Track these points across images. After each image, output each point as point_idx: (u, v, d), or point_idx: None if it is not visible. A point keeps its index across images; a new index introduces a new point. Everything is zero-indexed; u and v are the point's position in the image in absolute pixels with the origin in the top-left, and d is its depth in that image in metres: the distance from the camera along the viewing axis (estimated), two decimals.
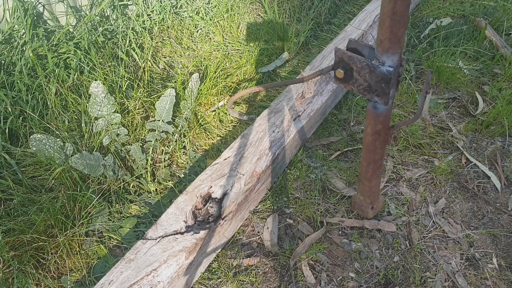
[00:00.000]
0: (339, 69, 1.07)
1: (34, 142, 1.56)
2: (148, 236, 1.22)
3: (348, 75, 1.07)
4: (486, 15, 2.49)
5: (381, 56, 0.98)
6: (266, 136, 1.55)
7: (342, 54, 1.05)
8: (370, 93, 1.07)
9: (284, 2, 2.71)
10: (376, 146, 1.22)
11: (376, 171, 1.31)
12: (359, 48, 1.05)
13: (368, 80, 1.04)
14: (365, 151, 1.26)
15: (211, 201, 1.32)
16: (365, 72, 1.03)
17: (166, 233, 1.22)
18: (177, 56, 2.32)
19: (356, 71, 1.05)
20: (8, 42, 1.91)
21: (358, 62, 1.03)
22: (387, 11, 0.89)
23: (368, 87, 1.06)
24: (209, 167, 1.44)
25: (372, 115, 1.14)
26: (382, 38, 0.95)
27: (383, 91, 1.03)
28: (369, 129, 1.18)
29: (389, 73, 0.99)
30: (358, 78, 1.06)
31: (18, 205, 1.47)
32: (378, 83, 1.02)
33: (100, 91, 1.69)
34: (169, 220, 1.26)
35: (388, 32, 0.92)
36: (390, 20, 0.90)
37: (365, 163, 1.30)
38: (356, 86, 1.08)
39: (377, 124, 1.15)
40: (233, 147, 1.52)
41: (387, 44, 0.95)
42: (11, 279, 1.28)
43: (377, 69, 1.00)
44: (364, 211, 1.46)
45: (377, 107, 1.11)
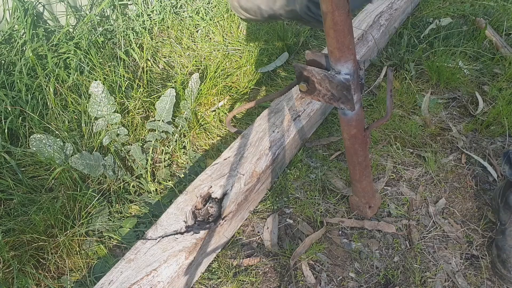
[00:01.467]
0: (301, 84, 1.09)
1: (34, 142, 1.56)
2: (148, 236, 1.22)
3: (311, 87, 1.09)
4: (486, 15, 2.49)
5: (335, 65, 0.99)
6: (266, 136, 1.55)
7: (300, 68, 1.08)
8: (336, 101, 1.09)
9: None
10: (356, 149, 1.24)
11: (363, 172, 1.32)
12: (318, 59, 1.06)
13: (330, 90, 1.06)
14: (348, 155, 1.29)
15: (211, 201, 1.32)
16: (325, 82, 1.05)
17: (166, 233, 1.22)
18: (177, 56, 2.32)
19: (317, 82, 1.07)
20: (8, 42, 1.91)
21: (317, 74, 1.05)
22: (328, 23, 0.90)
23: (332, 96, 1.08)
24: (209, 167, 1.44)
25: (344, 121, 1.16)
26: (331, 48, 0.96)
27: (346, 98, 1.05)
28: (345, 135, 1.21)
29: (347, 81, 1.00)
30: (320, 89, 1.08)
31: (18, 205, 1.47)
32: (340, 91, 1.04)
33: (100, 91, 1.69)
34: (169, 220, 1.26)
35: (334, 42, 0.93)
36: (333, 31, 0.91)
37: (351, 167, 1.33)
38: (321, 96, 1.11)
39: (351, 129, 1.17)
40: (233, 147, 1.52)
41: (337, 54, 0.96)
42: (11, 279, 1.28)
43: (335, 79, 1.02)
44: (363, 211, 1.47)
45: (346, 113, 1.13)
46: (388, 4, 2.41)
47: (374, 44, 2.17)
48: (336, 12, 0.87)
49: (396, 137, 1.81)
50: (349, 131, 1.18)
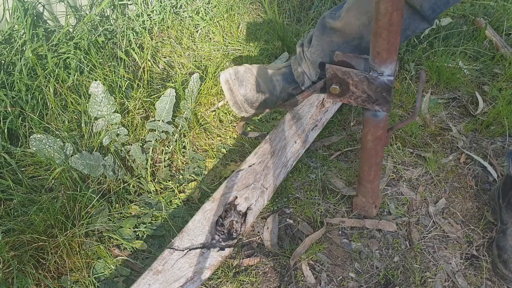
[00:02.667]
0: (333, 86, 1.06)
1: (34, 142, 1.56)
2: (175, 246, 1.21)
3: (344, 89, 1.07)
4: (486, 15, 2.49)
5: (379, 67, 0.98)
6: (288, 146, 1.54)
7: (335, 70, 1.04)
8: (371, 103, 1.06)
9: (284, 2, 2.71)
10: (378, 150, 1.22)
11: (377, 172, 1.32)
12: (349, 60, 1.04)
13: (367, 92, 1.03)
14: (366, 156, 1.26)
15: (235, 215, 1.31)
16: (363, 84, 1.02)
17: (193, 244, 1.21)
18: (177, 56, 2.32)
19: (353, 84, 1.04)
20: (8, 42, 1.91)
21: (355, 76, 1.02)
22: (383, 24, 0.88)
23: (367, 98, 1.05)
24: (235, 174, 1.41)
25: (372, 123, 1.14)
26: (379, 50, 0.94)
27: (385, 99, 1.02)
28: (369, 136, 1.18)
29: (390, 82, 0.98)
30: (355, 91, 1.05)
31: (18, 205, 1.47)
32: (379, 93, 1.01)
33: (100, 91, 1.69)
34: (196, 230, 1.25)
35: (385, 44, 0.92)
36: (387, 32, 0.89)
37: (366, 168, 1.30)
38: (353, 99, 1.07)
39: (378, 131, 1.15)
40: (257, 153, 1.49)
41: (384, 55, 0.95)
42: (11, 279, 1.28)
43: (376, 81, 0.99)
44: (368, 211, 1.47)
45: (377, 115, 1.11)
46: None
47: None
48: (395, 13, 0.85)
49: (396, 137, 1.81)
50: (375, 133, 1.15)
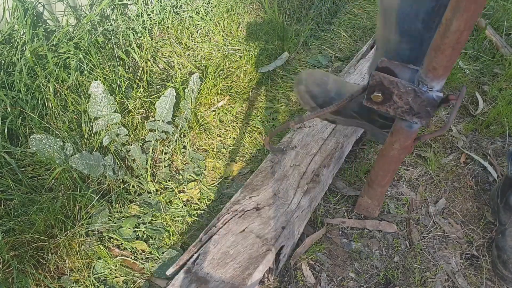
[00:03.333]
0: (375, 94, 1.03)
1: (34, 142, 1.56)
2: None
3: (386, 98, 1.04)
4: (486, 15, 2.49)
5: (431, 82, 0.95)
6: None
7: (381, 78, 1.00)
8: (410, 115, 1.03)
9: (284, 2, 2.71)
10: (401, 158, 1.21)
11: (391, 178, 1.31)
12: (393, 68, 1.01)
13: (411, 104, 1.00)
14: (387, 163, 1.24)
15: (272, 269, 1.30)
16: (409, 96, 0.99)
17: None
18: (177, 56, 2.32)
19: (397, 95, 1.01)
20: (8, 42, 1.91)
21: (402, 87, 0.99)
22: (450, 41, 0.84)
23: (408, 109, 1.02)
24: (282, 212, 1.35)
25: (404, 133, 1.12)
26: (436, 65, 0.91)
27: (427, 114, 1.00)
28: (396, 145, 1.16)
29: (439, 98, 0.96)
30: (397, 101, 1.02)
31: (18, 205, 1.47)
32: (423, 107, 0.99)
33: (100, 91, 1.69)
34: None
35: (445, 61, 0.89)
36: (452, 49, 0.86)
37: (382, 173, 1.29)
38: (393, 108, 1.04)
39: (407, 141, 1.13)
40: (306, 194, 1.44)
41: (441, 71, 0.92)
42: (11, 279, 1.28)
43: (424, 95, 0.96)
44: (371, 212, 1.47)
45: (412, 127, 1.09)
46: None
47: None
48: (465, 32, 0.82)
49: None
50: (403, 143, 1.14)
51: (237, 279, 1.14)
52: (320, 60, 2.37)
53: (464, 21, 0.81)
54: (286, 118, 1.99)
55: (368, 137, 1.76)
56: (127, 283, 1.35)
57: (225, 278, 1.14)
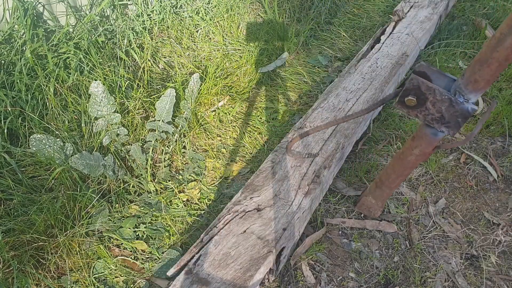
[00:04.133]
0: (410, 98, 1.01)
1: (34, 142, 1.55)
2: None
3: (419, 103, 1.02)
4: (486, 15, 2.49)
5: (469, 93, 0.94)
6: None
7: (420, 83, 0.99)
8: (440, 124, 1.02)
9: (284, 2, 2.71)
10: (416, 165, 1.20)
11: (401, 181, 1.32)
12: (429, 73, 0.99)
13: (443, 112, 0.99)
14: (402, 167, 1.24)
15: (272, 271, 1.31)
16: (444, 105, 0.98)
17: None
18: (177, 56, 2.32)
19: (431, 102, 0.99)
20: (8, 42, 1.91)
21: (439, 95, 0.97)
22: (498, 56, 0.83)
23: (439, 117, 1.01)
24: (284, 218, 1.35)
25: (428, 140, 1.11)
26: (479, 78, 0.89)
27: (457, 124, 0.99)
28: (416, 150, 1.15)
29: (473, 111, 0.95)
30: (430, 108, 1.01)
31: (18, 205, 1.47)
32: (455, 117, 0.98)
33: (100, 91, 1.69)
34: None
35: (489, 75, 0.88)
36: (498, 64, 0.85)
37: (394, 176, 1.29)
38: (423, 115, 1.03)
39: (428, 148, 1.13)
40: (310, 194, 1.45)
41: (482, 84, 0.90)
42: (11, 279, 1.28)
43: (459, 105, 0.95)
44: (373, 212, 1.47)
45: (437, 134, 1.08)
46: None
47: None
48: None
49: (397, 136, 1.81)
50: (425, 149, 1.13)
51: (239, 281, 1.14)
52: (320, 60, 2.37)
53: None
54: (286, 118, 1.99)
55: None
56: (127, 283, 1.35)
57: (227, 279, 1.14)
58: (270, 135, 1.89)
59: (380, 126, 1.87)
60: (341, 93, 1.83)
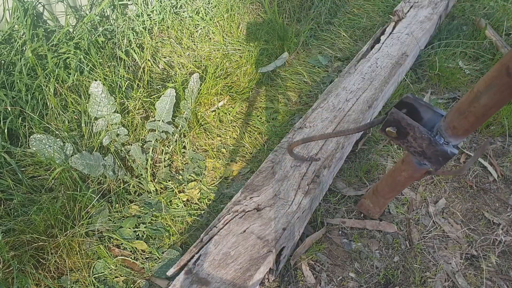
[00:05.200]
0: (390, 129, 1.01)
1: (34, 142, 1.55)
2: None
3: (401, 135, 1.01)
4: (486, 15, 2.49)
5: (449, 137, 0.93)
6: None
7: (399, 118, 0.99)
8: (422, 157, 1.01)
9: (284, 2, 2.71)
10: (406, 184, 1.20)
11: (393, 195, 1.32)
12: (416, 105, 0.98)
13: (425, 150, 0.98)
14: (394, 184, 1.24)
15: (273, 270, 1.31)
16: (424, 142, 0.97)
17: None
18: (177, 56, 2.32)
19: (412, 137, 0.99)
20: (8, 42, 1.91)
21: (418, 132, 0.97)
22: (475, 111, 0.82)
23: (421, 152, 1.00)
24: (284, 218, 1.35)
25: (413, 168, 1.10)
26: (457, 126, 0.89)
27: (438, 162, 0.98)
28: (404, 173, 1.15)
29: (452, 154, 0.94)
30: (412, 142, 1.00)
31: (18, 205, 1.47)
32: (436, 155, 0.97)
33: (100, 91, 1.69)
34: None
35: (468, 125, 0.87)
36: (475, 119, 0.84)
37: (387, 188, 1.29)
38: (406, 146, 1.02)
39: (415, 174, 1.12)
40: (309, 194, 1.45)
41: (460, 132, 0.90)
42: (11, 279, 1.28)
43: (439, 147, 0.94)
44: (372, 213, 1.47)
45: (422, 166, 1.07)
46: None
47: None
48: (493, 109, 0.80)
49: None
50: (411, 174, 1.13)
51: (238, 280, 1.14)
52: (320, 60, 2.37)
53: (495, 100, 0.78)
54: (286, 118, 1.99)
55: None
56: (127, 283, 1.35)
57: (226, 279, 1.14)
58: (270, 135, 1.89)
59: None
60: (341, 93, 1.83)
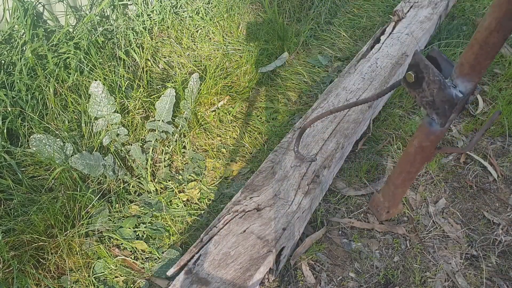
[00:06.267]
0: (410, 73, 1.04)
1: (34, 142, 1.55)
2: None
3: (418, 82, 1.03)
4: None
5: (456, 78, 0.94)
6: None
7: (419, 59, 1.01)
8: (431, 109, 1.03)
9: (284, 2, 2.71)
10: (416, 159, 1.19)
11: (406, 181, 1.30)
12: (439, 60, 1.01)
13: (434, 96, 1.00)
14: (403, 160, 1.23)
15: (273, 270, 1.31)
16: (435, 87, 0.99)
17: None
18: (177, 56, 2.32)
19: (426, 82, 1.01)
20: (8, 42, 1.91)
21: (432, 74, 0.99)
22: (479, 38, 0.83)
23: (431, 102, 1.02)
24: (284, 217, 1.35)
25: (424, 131, 1.11)
26: (464, 61, 0.90)
27: (444, 112, 0.99)
28: (415, 142, 1.15)
29: (457, 98, 0.94)
30: (425, 89, 1.02)
31: (18, 205, 1.47)
32: (443, 103, 0.98)
33: (100, 91, 1.69)
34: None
35: (472, 58, 0.87)
36: (479, 47, 0.84)
37: (398, 170, 1.28)
38: (420, 97, 1.05)
39: (425, 141, 1.12)
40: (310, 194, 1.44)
41: (466, 69, 0.90)
42: (11, 279, 1.28)
43: (446, 89, 0.96)
44: (379, 212, 1.45)
45: (432, 125, 1.08)
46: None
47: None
48: (495, 33, 0.80)
49: (396, 137, 1.81)
50: (422, 142, 1.13)
51: (238, 280, 1.14)
52: (320, 60, 2.37)
53: (495, 19, 0.78)
54: (286, 118, 1.99)
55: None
56: (127, 283, 1.35)
57: (226, 279, 1.14)
58: (270, 135, 1.89)
59: (380, 126, 1.87)
60: (341, 93, 1.83)
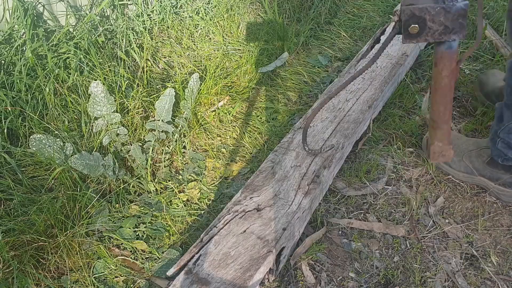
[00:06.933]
0: (412, 26, 1.07)
1: (34, 142, 1.55)
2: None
3: (422, 27, 1.08)
4: (486, 15, 2.49)
5: None
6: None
7: (412, 9, 1.06)
8: (448, 34, 1.07)
9: (284, 2, 2.71)
10: (452, 85, 1.22)
11: (451, 110, 1.33)
12: (416, 3, 1.06)
13: (444, 23, 1.05)
14: (441, 95, 1.26)
15: (272, 270, 1.30)
16: (440, 16, 1.04)
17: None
18: (177, 56, 2.32)
19: (430, 19, 1.05)
20: (8, 42, 1.91)
21: (432, 10, 1.04)
22: None
23: (444, 29, 1.06)
24: (283, 217, 1.34)
25: (447, 56, 1.14)
26: None
27: (461, 25, 1.04)
28: (444, 72, 1.18)
29: (466, 6, 1.00)
30: (432, 26, 1.06)
31: (18, 205, 1.47)
32: (455, 21, 1.03)
33: (100, 91, 1.69)
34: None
35: None
36: None
37: (442, 108, 1.30)
38: (430, 35, 1.08)
39: (452, 63, 1.15)
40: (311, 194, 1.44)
41: None
42: (11, 279, 1.28)
43: (453, 8, 1.01)
44: (446, 155, 1.42)
45: (452, 46, 1.11)
46: None
47: None
48: None
49: (396, 137, 1.81)
50: (450, 66, 1.16)
51: (238, 281, 1.14)
52: (320, 60, 2.37)
53: None
54: (286, 118, 1.99)
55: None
56: (127, 283, 1.35)
57: (226, 279, 1.15)
58: (270, 135, 1.89)
59: (380, 126, 1.87)
60: (341, 93, 1.83)
